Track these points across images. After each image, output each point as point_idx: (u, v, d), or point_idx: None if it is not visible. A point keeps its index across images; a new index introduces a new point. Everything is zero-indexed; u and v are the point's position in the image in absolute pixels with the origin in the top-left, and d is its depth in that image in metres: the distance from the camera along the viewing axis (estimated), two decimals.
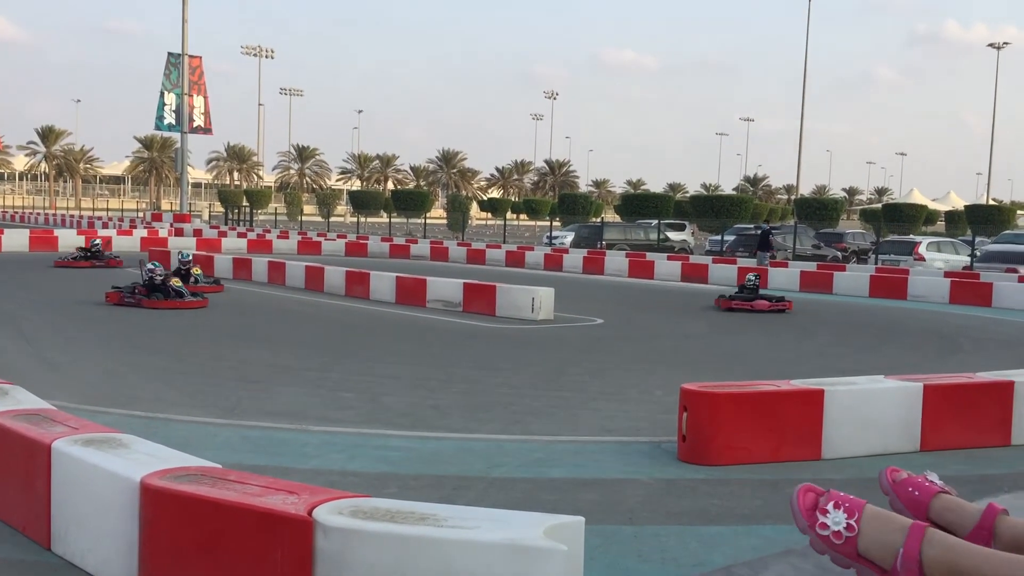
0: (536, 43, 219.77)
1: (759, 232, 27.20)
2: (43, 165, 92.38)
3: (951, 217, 54.80)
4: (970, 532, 1.31)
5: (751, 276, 17.30)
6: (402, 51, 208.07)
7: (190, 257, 17.94)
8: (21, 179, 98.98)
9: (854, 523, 1.28)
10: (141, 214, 58.74)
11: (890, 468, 1.44)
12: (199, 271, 17.83)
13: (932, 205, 64.15)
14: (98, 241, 23.85)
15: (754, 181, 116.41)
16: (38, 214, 59.22)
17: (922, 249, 27.43)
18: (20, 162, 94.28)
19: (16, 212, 64.88)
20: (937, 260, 26.89)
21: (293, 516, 3.12)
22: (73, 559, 4.07)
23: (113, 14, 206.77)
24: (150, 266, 15.25)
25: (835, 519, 1.29)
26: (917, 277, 21.28)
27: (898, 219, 45.63)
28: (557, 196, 72.12)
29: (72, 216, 54.20)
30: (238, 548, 3.29)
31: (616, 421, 7.42)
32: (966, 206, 54.00)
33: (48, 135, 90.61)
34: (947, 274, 22.71)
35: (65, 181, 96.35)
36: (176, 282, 15.17)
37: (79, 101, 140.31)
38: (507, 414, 7.56)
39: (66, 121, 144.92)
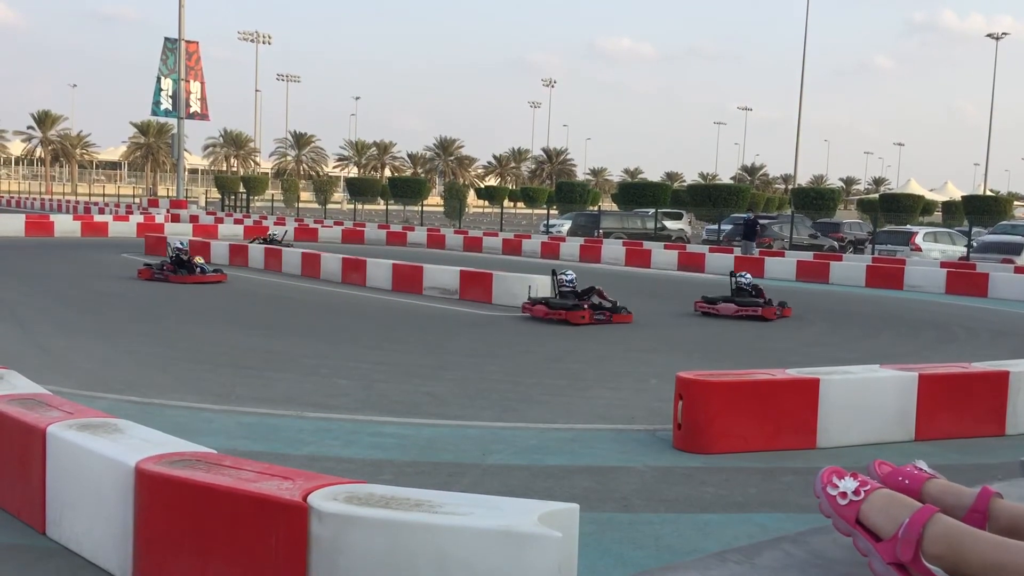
0: (533, 31, 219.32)
1: (743, 223, 27.16)
2: (39, 150, 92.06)
3: (948, 207, 54.89)
4: (964, 515, 1.31)
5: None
6: (399, 38, 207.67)
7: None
8: (17, 164, 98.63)
9: (863, 492, 1.30)
10: (137, 200, 58.65)
11: (877, 461, 1.44)
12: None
13: (929, 195, 64.04)
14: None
15: (751, 170, 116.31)
16: (34, 199, 59.06)
17: (919, 239, 27.44)
18: (16, 147, 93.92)
19: (12, 197, 64.68)
20: (934, 250, 26.91)
21: (288, 502, 3.12)
22: (68, 544, 4.07)
23: None
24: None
25: (847, 484, 1.33)
26: (913, 267, 21.32)
27: (895, 209, 45.65)
28: (554, 184, 72.03)
29: (68, 201, 54.05)
30: (233, 533, 3.29)
31: (611, 409, 7.43)
32: (963, 196, 54.05)
33: (44, 120, 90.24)
34: (943, 264, 22.73)
35: (61, 166, 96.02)
36: None
37: (75, 86, 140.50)
38: (502, 401, 7.57)
39: (62, 106, 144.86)
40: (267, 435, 6.25)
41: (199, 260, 16.62)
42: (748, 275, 14.57)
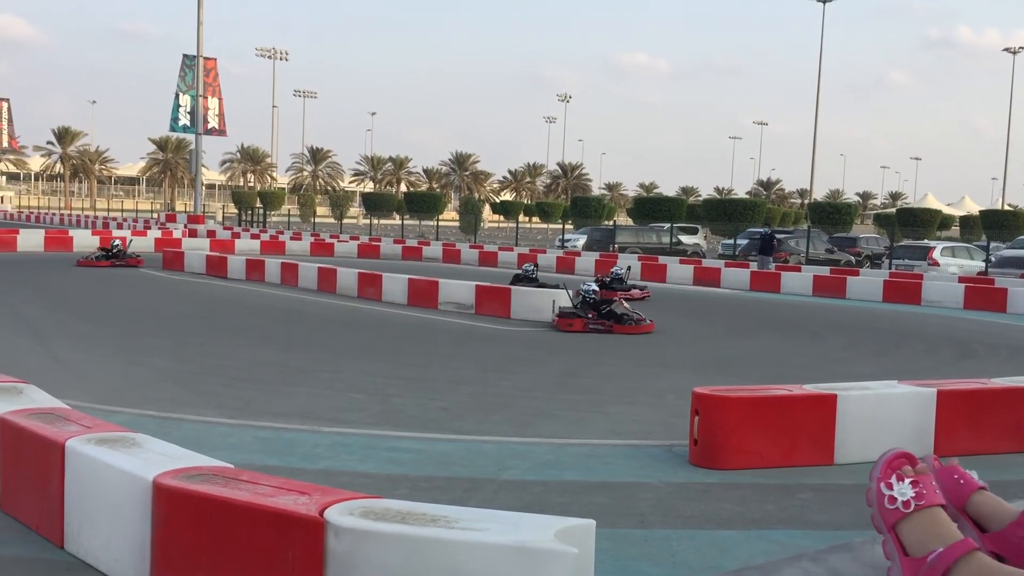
0: (548, 46, 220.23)
1: (760, 237, 27.05)
2: (59, 166, 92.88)
3: (966, 222, 54.49)
4: (1004, 528, 1.30)
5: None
6: (415, 54, 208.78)
7: None
8: (37, 179, 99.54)
9: (914, 505, 1.27)
10: (155, 215, 59.02)
11: (935, 457, 1.42)
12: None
13: (947, 210, 63.66)
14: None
15: (767, 185, 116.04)
16: (53, 214, 59.55)
17: (936, 254, 27.26)
18: (36, 163, 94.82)
19: (32, 212, 65.28)
20: (951, 265, 26.73)
21: (305, 516, 3.13)
22: (86, 558, 4.08)
23: (129, 16, 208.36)
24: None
25: (902, 491, 1.29)
26: (931, 282, 21.16)
27: (912, 224, 45.40)
28: (569, 199, 72.07)
29: (87, 216, 54.49)
30: (249, 548, 3.30)
31: (627, 424, 7.41)
32: (981, 211, 53.71)
33: (64, 136, 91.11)
34: (961, 279, 22.57)
35: (80, 182, 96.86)
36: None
37: (95, 102, 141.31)
38: (517, 416, 7.56)
39: (82, 122, 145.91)
40: (283, 449, 6.26)
41: (627, 307, 14.00)
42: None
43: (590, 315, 13.25)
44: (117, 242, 24.50)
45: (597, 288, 13.82)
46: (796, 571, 1.33)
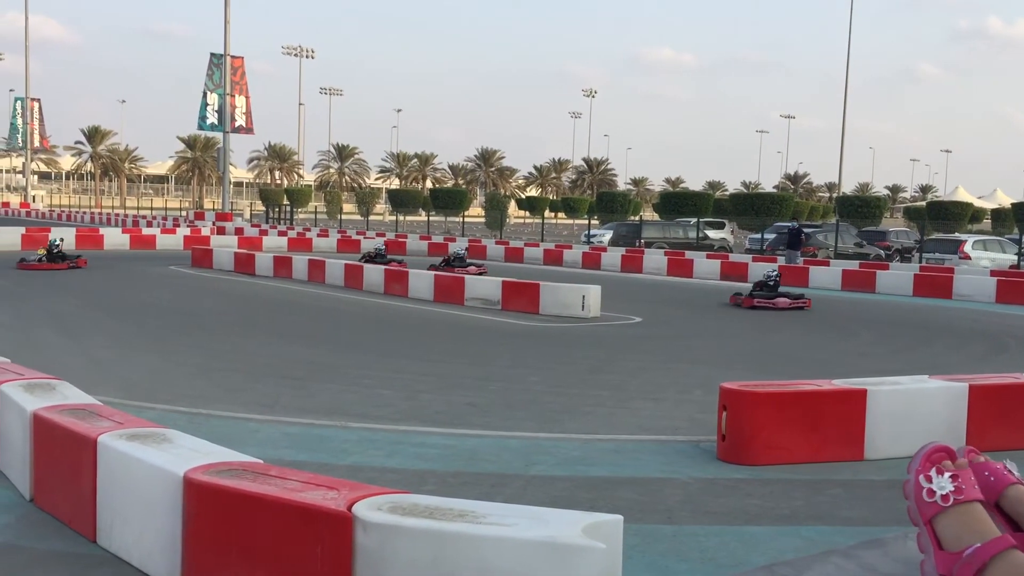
0: (574, 42, 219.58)
1: (787, 231, 26.82)
2: (89, 165, 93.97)
3: (997, 215, 53.82)
4: None
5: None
6: (440, 51, 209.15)
7: None
8: (68, 179, 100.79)
9: (952, 500, 1.25)
10: (184, 213, 59.56)
11: (969, 448, 1.38)
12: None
13: (978, 203, 62.94)
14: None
15: (795, 179, 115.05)
16: (84, 213, 60.22)
17: (968, 247, 26.91)
18: (67, 162, 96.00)
19: (63, 211, 66.05)
20: (983, 259, 26.37)
21: (333, 511, 3.15)
22: (118, 552, 4.13)
23: (158, 16, 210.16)
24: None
25: (941, 484, 1.26)
26: (962, 276, 20.91)
27: (943, 217, 44.92)
28: (595, 194, 71.91)
29: (117, 215, 55.08)
30: (279, 542, 3.33)
31: (654, 420, 7.38)
32: (1013, 204, 52.95)
33: (94, 135, 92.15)
34: (993, 273, 22.28)
35: (110, 180, 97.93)
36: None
37: (124, 102, 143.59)
38: (544, 412, 7.56)
39: (112, 121, 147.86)
40: (311, 445, 6.30)
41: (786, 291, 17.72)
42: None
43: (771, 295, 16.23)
44: (56, 241, 22.20)
45: (779, 274, 17.11)
46: (827, 567, 1.32)
